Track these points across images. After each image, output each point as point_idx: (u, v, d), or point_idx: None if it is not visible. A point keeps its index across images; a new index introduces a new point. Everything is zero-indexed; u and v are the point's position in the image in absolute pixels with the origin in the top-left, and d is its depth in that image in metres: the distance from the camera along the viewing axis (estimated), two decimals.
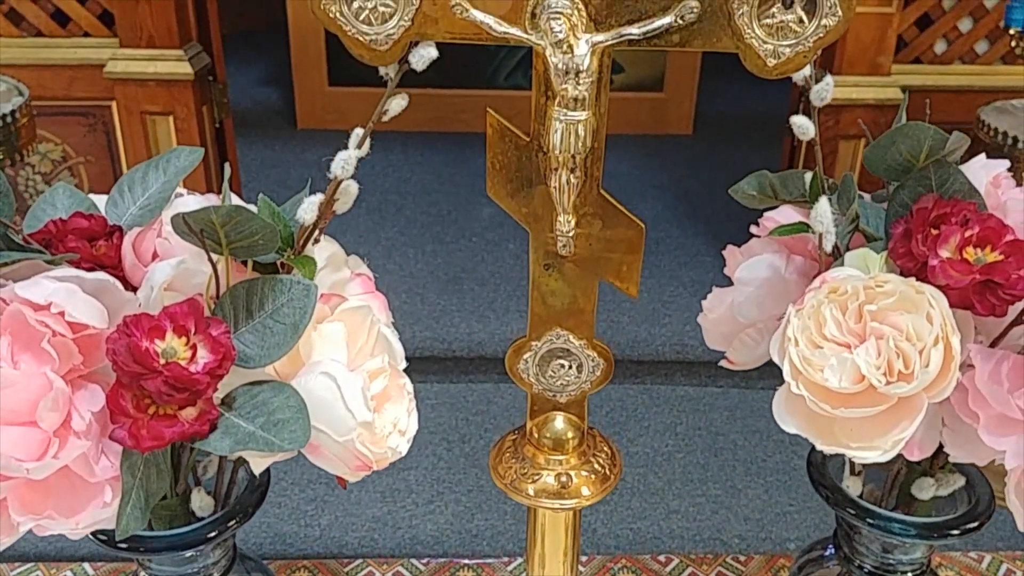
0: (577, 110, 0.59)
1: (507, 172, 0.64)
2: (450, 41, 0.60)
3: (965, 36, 2.35)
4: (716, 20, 0.57)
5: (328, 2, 0.60)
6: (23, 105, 1.98)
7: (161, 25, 2.23)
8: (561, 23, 0.57)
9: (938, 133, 0.63)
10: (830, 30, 0.57)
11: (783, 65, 0.59)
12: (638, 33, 0.58)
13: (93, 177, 2.44)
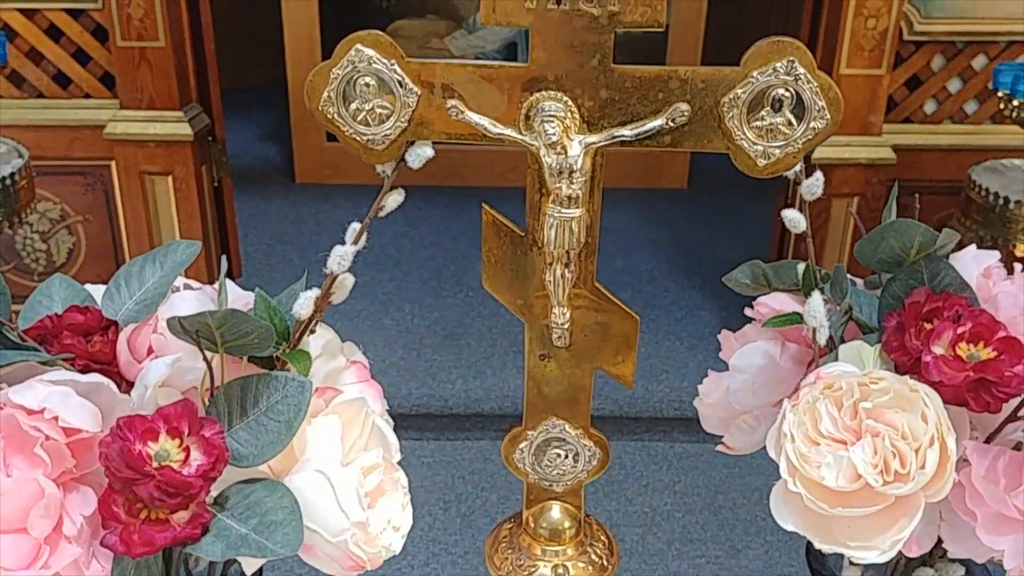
0: (571, 208, 0.60)
1: (503, 265, 0.64)
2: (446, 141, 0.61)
3: (954, 96, 2.39)
4: (707, 122, 0.58)
5: (327, 104, 0.61)
6: (23, 167, 2.00)
7: (162, 87, 2.26)
8: (555, 125, 0.58)
9: (928, 230, 0.64)
10: (819, 132, 0.58)
11: (773, 165, 0.60)
12: (630, 135, 0.59)
13: (91, 235, 2.45)
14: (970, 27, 2.32)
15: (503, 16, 0.57)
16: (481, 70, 0.58)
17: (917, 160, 2.40)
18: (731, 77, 0.56)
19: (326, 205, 3.60)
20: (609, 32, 0.56)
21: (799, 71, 0.56)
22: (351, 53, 0.59)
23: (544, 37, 0.57)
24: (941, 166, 2.41)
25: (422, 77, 0.59)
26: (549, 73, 0.58)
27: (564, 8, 0.55)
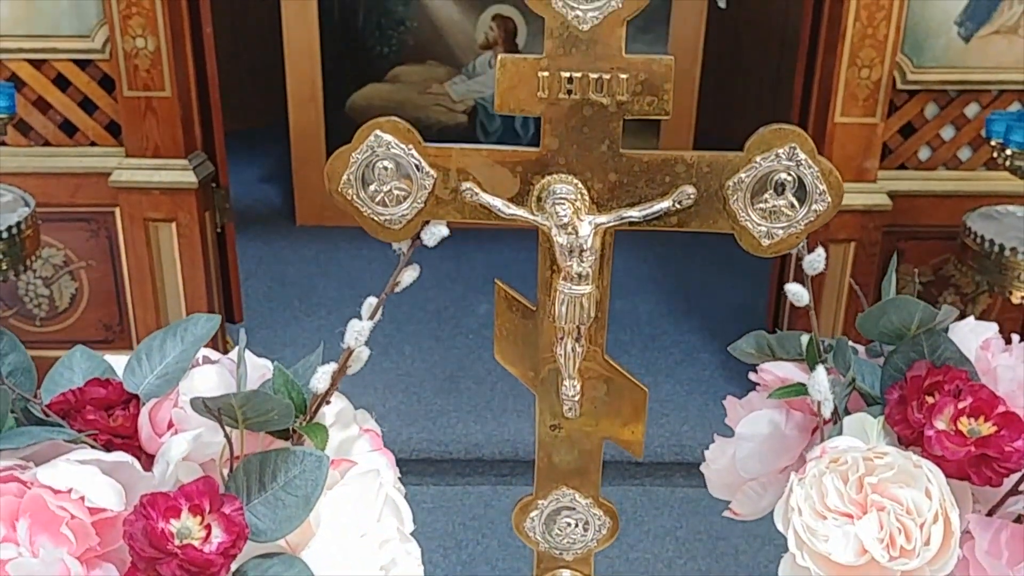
0: (581, 285, 0.62)
1: (514, 338, 0.66)
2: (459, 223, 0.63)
3: (948, 143, 2.43)
4: (712, 204, 0.60)
5: (346, 186, 0.63)
6: (28, 216, 2.02)
7: (167, 136, 2.29)
8: (566, 207, 0.60)
9: (927, 308, 0.66)
10: (820, 215, 0.60)
11: (776, 245, 0.62)
12: (638, 216, 0.61)
13: (93, 281, 2.46)
14: (962, 76, 2.36)
15: (516, 105, 0.59)
16: (494, 154, 0.60)
17: (912, 206, 2.44)
18: (735, 162, 0.59)
19: (327, 247, 3.63)
20: (618, 120, 0.58)
21: (800, 157, 0.58)
22: (370, 138, 0.61)
23: (555, 124, 0.59)
24: (936, 212, 2.44)
25: (438, 161, 0.61)
26: (560, 157, 0.60)
27: (575, 98, 0.58)
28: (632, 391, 0.66)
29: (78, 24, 2.27)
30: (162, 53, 2.23)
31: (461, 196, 0.61)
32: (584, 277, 0.62)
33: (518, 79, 0.57)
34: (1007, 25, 2.33)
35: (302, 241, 3.70)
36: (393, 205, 0.63)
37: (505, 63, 0.57)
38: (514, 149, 0.60)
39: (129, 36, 2.21)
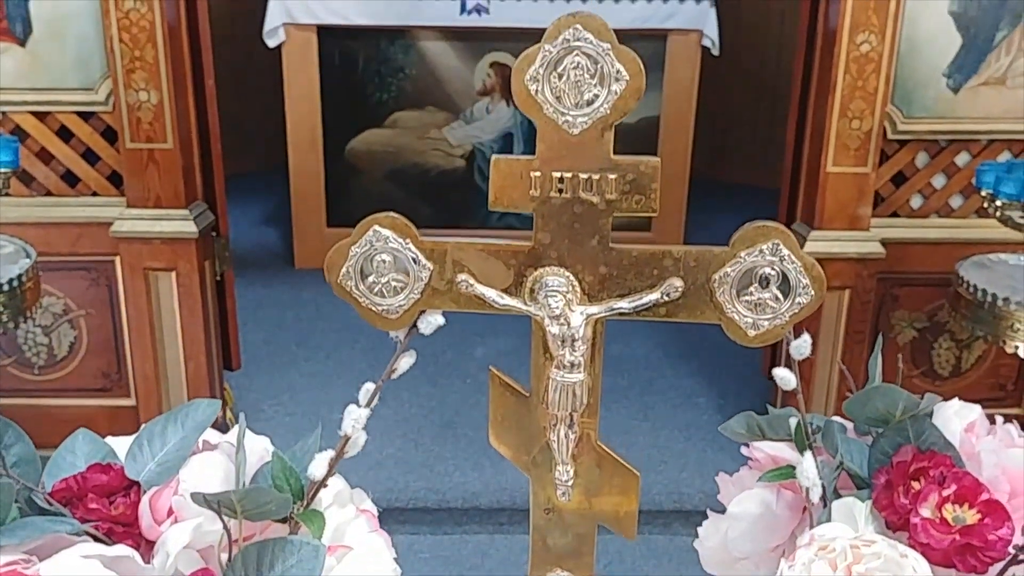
0: (573, 373, 0.64)
1: (509, 423, 0.68)
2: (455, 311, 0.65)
3: (939, 192, 2.46)
4: (699, 296, 0.62)
5: (345, 278, 0.65)
6: (30, 268, 2.03)
7: (168, 186, 2.32)
8: (558, 299, 0.62)
9: (911, 397, 0.68)
10: (804, 307, 0.62)
11: (762, 336, 0.63)
12: (628, 308, 0.62)
13: (92, 329, 2.47)
14: (952, 126, 2.40)
15: (510, 202, 0.61)
16: (489, 247, 0.62)
17: (906, 253, 2.46)
18: (721, 256, 0.61)
19: (325, 289, 3.58)
20: (607, 217, 0.60)
21: (784, 252, 0.60)
22: (369, 233, 0.63)
23: (547, 220, 0.61)
24: (929, 258, 2.46)
25: (434, 254, 0.63)
26: (552, 251, 0.62)
27: (566, 196, 0.60)
28: (624, 475, 0.67)
29: (82, 77, 2.31)
30: (164, 106, 2.27)
31: (456, 287, 0.63)
32: (576, 365, 0.64)
33: (512, 178, 0.59)
34: (995, 77, 2.37)
35: (300, 284, 3.73)
36: (391, 296, 0.64)
37: (499, 163, 0.59)
38: (508, 243, 0.62)
39: (132, 89, 2.25)
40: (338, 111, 3.75)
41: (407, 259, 0.61)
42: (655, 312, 0.63)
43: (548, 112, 0.58)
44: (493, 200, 0.60)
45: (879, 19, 2.25)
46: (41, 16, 2.25)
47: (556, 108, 0.58)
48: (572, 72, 0.58)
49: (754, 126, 5.38)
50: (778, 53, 5.17)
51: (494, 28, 3.63)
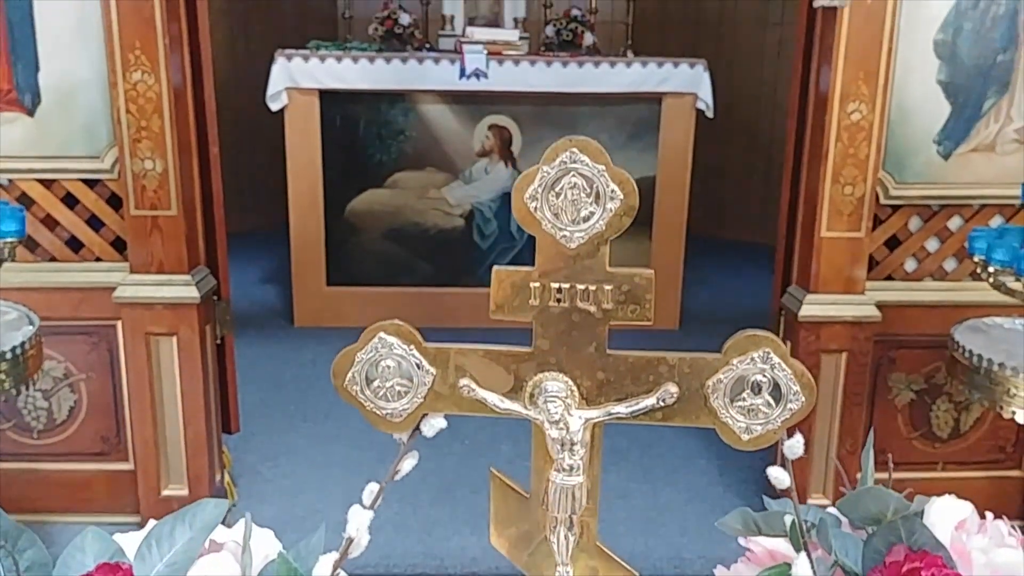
0: (573, 476, 0.65)
1: (509, 524, 0.69)
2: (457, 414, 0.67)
3: (933, 255, 2.49)
4: (694, 402, 0.64)
5: (351, 383, 0.67)
6: (32, 336, 2.05)
7: (172, 252, 2.35)
8: (557, 405, 0.64)
9: (901, 500, 0.69)
10: (795, 413, 0.64)
11: (756, 440, 0.65)
12: (626, 412, 0.64)
13: (92, 394, 2.48)
14: (943, 191, 2.44)
15: (511, 311, 0.63)
16: (490, 353, 0.64)
17: (901, 316, 2.48)
18: (714, 364, 0.63)
19: (324, 348, 3.66)
20: (604, 325, 0.62)
21: (774, 360, 0.62)
22: (375, 340, 0.65)
23: (546, 328, 0.63)
24: (925, 321, 2.48)
25: (438, 359, 0.65)
26: (551, 357, 0.64)
27: (564, 306, 0.62)
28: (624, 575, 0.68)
29: (89, 146, 2.35)
30: (169, 174, 2.31)
31: (459, 391, 0.65)
32: (576, 469, 0.65)
33: (512, 288, 0.61)
34: (984, 143, 2.42)
35: (299, 343, 3.74)
36: (395, 400, 0.66)
37: (500, 274, 0.62)
38: (508, 348, 0.64)
39: (138, 158, 2.29)
40: (339, 172, 3.81)
41: (411, 364, 0.63)
42: (652, 416, 0.64)
43: (547, 228, 0.61)
44: (494, 308, 0.62)
45: (869, 88, 2.31)
46: (50, 87, 2.31)
47: (554, 224, 0.60)
48: (569, 191, 0.60)
49: (749, 184, 5.46)
50: (772, 113, 5.28)
51: (493, 92, 3.71)
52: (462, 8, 4.07)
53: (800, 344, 2.44)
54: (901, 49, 2.32)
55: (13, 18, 2.26)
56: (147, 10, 2.21)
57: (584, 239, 0.60)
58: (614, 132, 3.83)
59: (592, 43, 4.04)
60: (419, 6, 4.21)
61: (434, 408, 0.63)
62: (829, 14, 2.31)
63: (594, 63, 3.69)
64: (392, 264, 3.88)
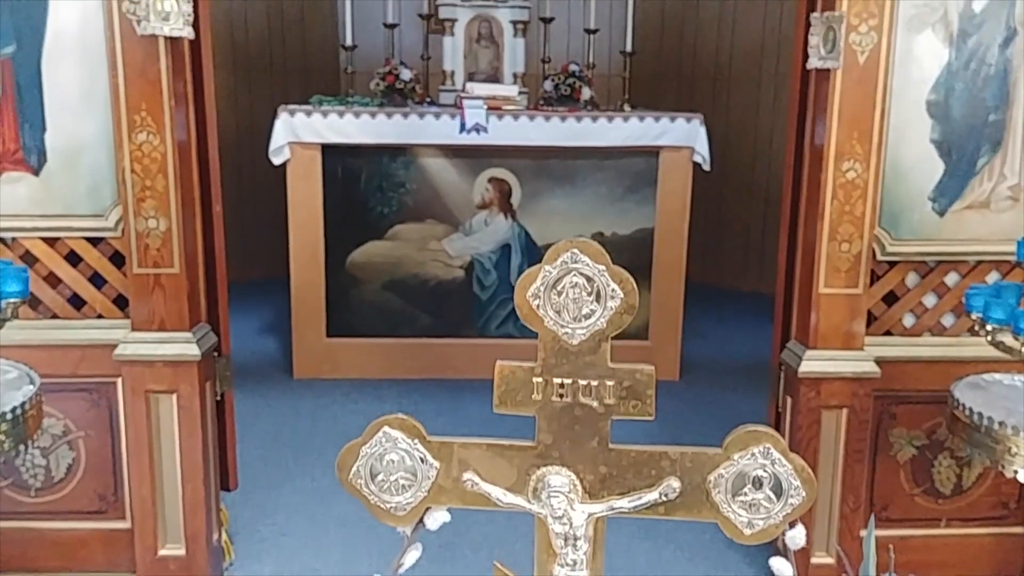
0: (576, 571, 0.65)
1: None
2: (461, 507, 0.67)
3: (931, 311, 2.50)
4: (696, 496, 0.64)
5: (355, 476, 0.67)
6: (33, 396, 2.05)
7: (173, 310, 2.36)
8: (560, 500, 0.64)
9: None
10: (796, 507, 0.65)
11: (758, 535, 0.65)
12: (628, 507, 0.65)
13: (91, 451, 2.47)
14: (939, 248, 2.46)
15: (514, 405, 0.64)
16: (494, 447, 0.65)
17: (901, 372, 2.48)
18: (715, 459, 0.63)
19: (323, 400, 3.65)
20: (606, 420, 0.63)
21: (775, 455, 0.63)
22: (379, 434, 0.66)
23: (549, 422, 0.64)
24: (925, 376, 2.48)
25: (441, 453, 0.65)
26: (554, 451, 0.65)
27: (566, 401, 0.63)
28: None
29: (93, 204, 2.37)
30: (173, 232, 2.33)
31: (462, 485, 0.65)
32: (579, 563, 0.65)
33: (515, 383, 0.62)
34: (979, 201, 2.45)
35: (298, 395, 3.73)
36: (399, 493, 0.67)
37: (503, 370, 0.63)
38: (511, 443, 0.64)
39: (142, 217, 2.31)
40: (340, 224, 3.84)
41: (415, 458, 0.63)
42: (654, 510, 0.65)
43: (549, 324, 0.62)
44: (498, 403, 0.63)
45: (863, 147, 2.34)
46: (56, 147, 2.34)
47: (556, 321, 0.61)
48: (571, 290, 0.62)
49: (747, 233, 5.50)
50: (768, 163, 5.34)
51: (492, 146, 3.76)
52: (462, 64, 4.14)
53: (800, 400, 2.44)
54: (894, 109, 2.36)
55: (21, 80, 2.30)
56: (153, 73, 2.25)
57: (586, 336, 0.61)
58: (613, 185, 3.87)
59: (590, 97, 4.10)
60: (420, 61, 4.29)
61: (438, 501, 0.63)
62: (822, 75, 2.35)
63: (592, 118, 3.75)
64: (392, 315, 3.89)
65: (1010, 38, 2.35)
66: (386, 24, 4.20)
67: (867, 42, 2.27)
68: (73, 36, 2.27)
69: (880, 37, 2.27)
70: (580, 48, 4.62)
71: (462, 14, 4.13)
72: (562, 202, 3.89)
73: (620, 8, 4.49)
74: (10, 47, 2.29)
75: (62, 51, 2.28)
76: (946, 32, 2.34)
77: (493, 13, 4.12)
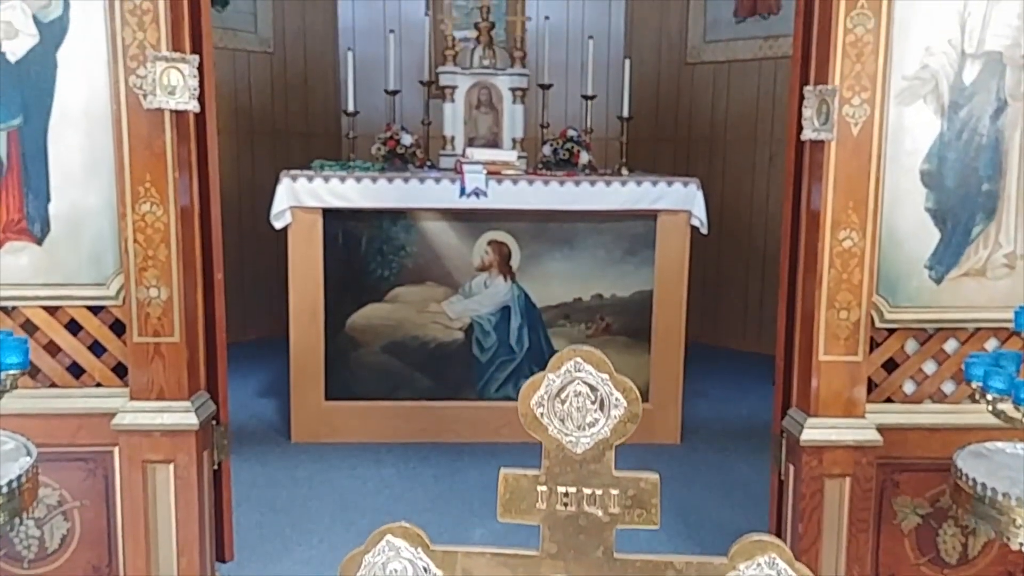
0: None
1: None
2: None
3: (931, 378, 2.50)
4: None
5: None
6: (29, 468, 2.03)
7: (172, 379, 2.35)
8: None
9: None
10: None
11: None
12: None
13: (86, 521, 2.44)
14: (937, 315, 2.47)
15: (518, 514, 0.64)
16: (498, 556, 0.64)
17: (903, 439, 2.47)
18: (720, 569, 0.63)
19: (321, 466, 3.62)
20: (610, 529, 0.63)
21: (780, 565, 0.62)
22: (382, 543, 0.66)
23: (554, 531, 0.63)
24: (927, 444, 2.47)
25: (445, 562, 0.65)
26: (559, 560, 0.64)
27: (571, 510, 0.63)
28: None
29: (95, 273, 2.38)
30: (174, 302, 2.34)
31: None
32: None
33: (519, 492, 0.62)
34: (975, 268, 2.47)
35: (296, 460, 3.70)
36: None
37: (507, 478, 0.63)
38: (515, 552, 0.64)
39: (144, 286, 2.33)
40: (340, 286, 3.85)
41: (419, 567, 0.63)
42: None
43: (553, 433, 0.62)
44: (502, 512, 0.62)
45: (859, 216, 2.37)
46: (60, 216, 2.36)
47: (560, 430, 0.61)
48: (574, 399, 0.62)
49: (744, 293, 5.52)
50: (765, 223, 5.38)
51: (492, 209, 3.79)
52: (462, 129, 4.20)
53: (803, 469, 2.42)
54: (889, 178, 2.39)
55: (27, 152, 2.33)
56: (158, 145, 2.28)
57: (590, 444, 0.61)
58: (611, 248, 3.90)
59: (588, 161, 4.15)
60: (421, 126, 4.35)
61: None
62: (817, 145, 2.39)
63: (590, 182, 3.79)
64: (391, 378, 3.88)
65: (1001, 109, 2.40)
66: (387, 91, 4.27)
67: (860, 114, 2.32)
68: (80, 108, 2.31)
69: (873, 109, 2.32)
70: (578, 113, 4.70)
71: (462, 81, 4.21)
72: (561, 264, 3.91)
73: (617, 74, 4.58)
74: (17, 119, 2.33)
75: (68, 123, 2.32)
76: (938, 104, 2.38)
77: (493, 80, 4.20)
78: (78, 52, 2.29)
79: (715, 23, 5.54)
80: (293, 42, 5.65)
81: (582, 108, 4.43)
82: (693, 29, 5.59)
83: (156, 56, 2.21)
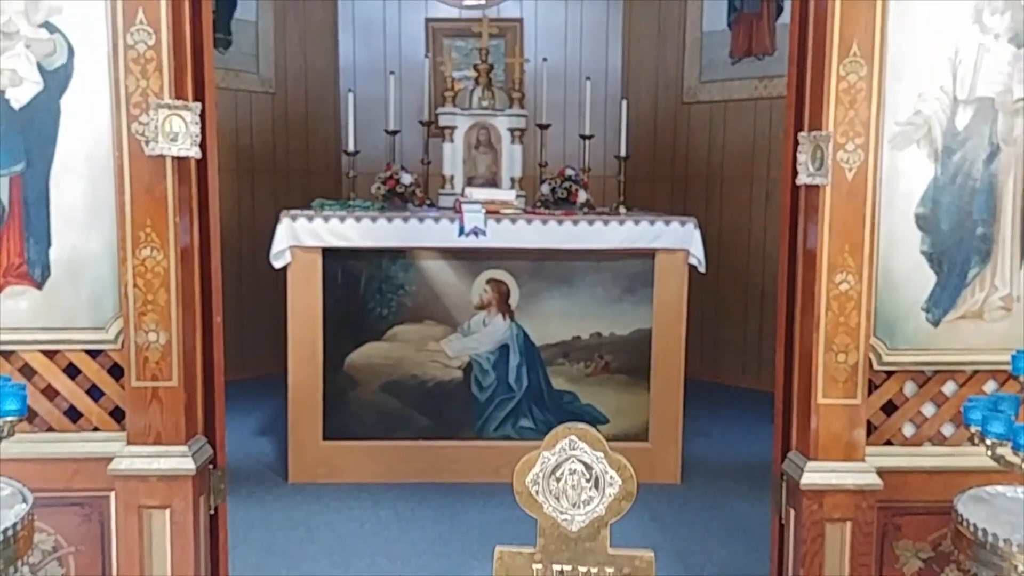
0: None
1: None
2: None
3: (930, 421, 2.50)
4: None
5: None
6: (25, 515, 2.01)
7: (170, 423, 2.35)
8: None
9: None
10: None
11: None
12: None
13: (80, 567, 2.41)
14: (935, 357, 2.47)
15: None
16: None
17: (903, 482, 2.46)
18: None
19: (318, 506, 3.59)
20: None
21: None
22: None
23: None
24: (928, 488, 2.46)
25: None
26: None
27: None
28: None
29: (94, 317, 2.38)
30: (172, 346, 2.34)
31: None
32: None
33: (515, 570, 0.62)
34: (972, 311, 2.47)
35: (293, 502, 3.67)
36: None
37: (503, 556, 0.62)
38: None
39: (143, 331, 2.33)
40: (339, 325, 3.85)
41: None
42: None
43: (548, 511, 0.62)
44: None
45: (855, 260, 2.38)
46: (60, 260, 2.37)
47: (556, 507, 0.62)
48: (569, 477, 0.62)
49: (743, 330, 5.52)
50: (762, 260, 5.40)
51: (491, 248, 3.81)
52: (461, 168, 4.23)
53: (804, 513, 2.41)
54: (884, 222, 2.40)
55: (29, 197, 2.35)
56: (159, 191, 2.30)
57: (585, 522, 0.61)
58: (609, 286, 3.91)
59: (586, 199, 4.18)
60: (420, 166, 4.39)
61: None
62: (812, 190, 2.41)
63: (588, 221, 3.81)
64: (389, 417, 3.86)
65: (994, 154, 2.42)
66: (387, 131, 4.31)
67: (854, 159, 2.34)
68: (82, 154, 2.33)
69: (867, 154, 2.34)
70: (576, 152, 4.74)
71: (461, 122, 4.25)
72: (560, 303, 3.91)
73: (614, 114, 4.63)
74: (20, 165, 2.35)
75: (70, 169, 2.33)
76: (931, 149, 2.41)
77: (491, 121, 4.24)
78: (82, 99, 2.32)
79: (711, 64, 5.61)
80: (295, 83, 5.72)
81: (580, 147, 4.46)
82: (689, 69, 5.66)
83: (159, 104, 2.23)
